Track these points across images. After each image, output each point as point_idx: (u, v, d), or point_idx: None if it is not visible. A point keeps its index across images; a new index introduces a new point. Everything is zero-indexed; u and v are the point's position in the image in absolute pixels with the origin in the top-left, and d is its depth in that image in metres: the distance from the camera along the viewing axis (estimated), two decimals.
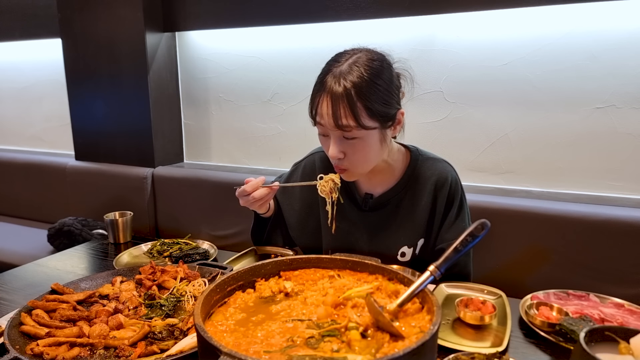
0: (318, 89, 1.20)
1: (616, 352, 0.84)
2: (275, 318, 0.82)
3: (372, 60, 1.18)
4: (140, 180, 2.61)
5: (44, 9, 2.97)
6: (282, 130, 2.60)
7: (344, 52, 1.23)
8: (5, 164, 3.15)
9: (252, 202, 1.34)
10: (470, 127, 2.16)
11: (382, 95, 1.17)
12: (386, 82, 1.19)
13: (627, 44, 1.84)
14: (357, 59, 1.18)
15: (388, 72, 1.21)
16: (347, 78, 1.15)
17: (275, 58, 2.53)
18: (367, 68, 1.16)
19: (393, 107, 1.22)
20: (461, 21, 2.08)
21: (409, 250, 1.39)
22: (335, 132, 1.19)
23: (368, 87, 1.15)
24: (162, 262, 1.66)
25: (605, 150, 1.95)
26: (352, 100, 1.14)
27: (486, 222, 0.86)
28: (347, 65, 1.17)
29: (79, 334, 1.08)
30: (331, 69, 1.19)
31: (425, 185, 1.36)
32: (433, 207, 1.37)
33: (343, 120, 1.15)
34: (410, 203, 1.37)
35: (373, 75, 1.16)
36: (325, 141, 1.25)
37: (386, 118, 1.20)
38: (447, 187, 1.35)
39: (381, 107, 1.18)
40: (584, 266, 1.74)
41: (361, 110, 1.15)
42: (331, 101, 1.15)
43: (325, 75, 1.19)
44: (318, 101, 1.19)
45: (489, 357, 0.93)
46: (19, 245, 2.64)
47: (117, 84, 2.68)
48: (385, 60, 1.23)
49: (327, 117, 1.17)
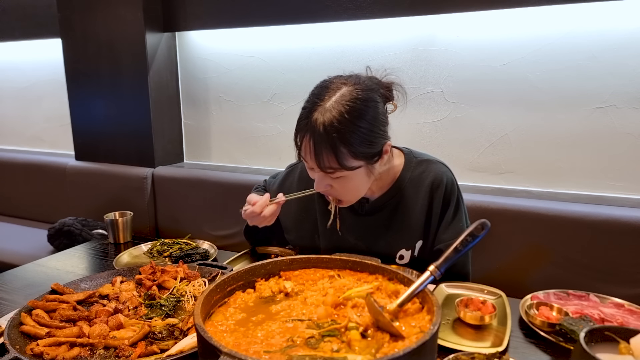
0: (301, 128, 1.18)
1: (616, 352, 0.84)
2: (275, 318, 0.82)
3: (356, 100, 1.14)
4: (140, 180, 2.61)
5: (44, 9, 2.97)
6: (282, 130, 2.60)
7: (327, 84, 1.19)
8: (5, 164, 3.15)
9: (263, 220, 1.34)
10: (470, 127, 2.16)
11: (366, 137, 1.15)
12: (370, 123, 1.16)
13: (627, 44, 1.84)
14: (341, 98, 1.14)
15: (373, 110, 1.17)
16: (331, 121, 1.12)
17: (275, 58, 2.53)
18: (351, 109, 1.13)
19: (378, 145, 1.19)
20: (461, 21, 2.08)
21: (407, 253, 1.39)
22: (320, 173, 1.19)
23: (352, 131, 1.12)
24: (162, 262, 1.66)
25: (605, 150, 1.95)
26: (334, 145, 1.12)
27: (486, 222, 0.86)
28: (330, 105, 1.13)
29: (79, 334, 1.08)
30: (315, 107, 1.15)
31: (421, 188, 1.35)
32: (429, 208, 1.36)
33: (326, 163, 1.15)
34: (406, 206, 1.37)
35: (356, 118, 1.13)
36: (312, 173, 1.25)
37: (371, 156, 1.19)
38: (442, 188, 1.35)
39: (365, 149, 1.16)
40: (584, 266, 1.74)
41: (344, 154, 1.14)
42: (314, 145, 1.14)
43: (309, 114, 1.16)
44: (302, 140, 1.18)
45: (489, 357, 0.93)
46: (19, 245, 2.64)
47: (117, 84, 2.68)
48: (370, 97, 1.17)
49: (309, 157, 1.17)
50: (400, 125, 1.59)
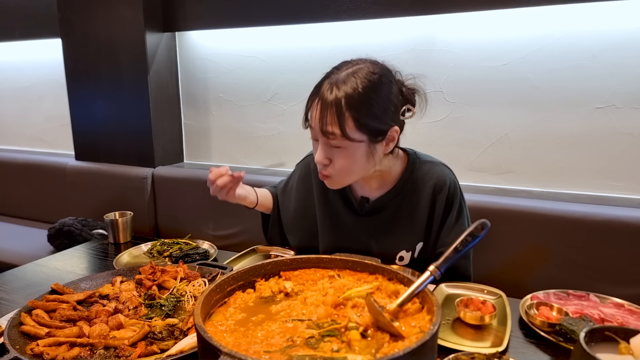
0: (313, 93, 1.21)
1: (616, 352, 0.84)
2: (275, 318, 0.82)
3: (371, 73, 1.17)
4: (140, 180, 2.61)
5: (44, 9, 2.97)
6: (282, 130, 2.60)
7: (349, 60, 1.23)
8: (5, 164, 3.15)
9: (217, 191, 1.36)
10: (470, 127, 2.16)
11: (374, 110, 1.16)
12: (382, 98, 1.17)
13: (627, 44, 1.84)
14: (357, 70, 1.17)
15: (387, 87, 1.19)
16: (340, 87, 1.15)
17: (275, 58, 2.53)
18: (364, 80, 1.15)
19: (385, 123, 1.20)
20: (461, 21, 2.08)
21: (407, 254, 1.38)
22: (322, 138, 1.20)
23: (360, 100, 1.14)
24: (162, 262, 1.66)
25: (605, 150, 1.95)
26: (340, 110, 1.14)
27: (486, 222, 0.86)
28: (345, 74, 1.17)
29: (79, 334, 1.07)
30: (330, 75, 1.19)
31: (423, 189, 1.34)
32: (431, 211, 1.35)
33: (329, 127, 1.15)
34: (407, 207, 1.36)
35: (368, 89, 1.15)
36: (314, 145, 1.26)
37: (375, 133, 1.19)
38: (445, 190, 1.33)
39: (371, 122, 1.16)
40: (584, 266, 1.74)
41: (348, 120, 1.14)
42: (321, 107, 1.16)
43: (323, 81, 1.20)
44: (311, 105, 1.21)
45: (489, 357, 0.93)
46: (19, 245, 2.64)
47: (117, 84, 2.68)
48: (386, 75, 1.20)
49: (315, 121, 1.18)
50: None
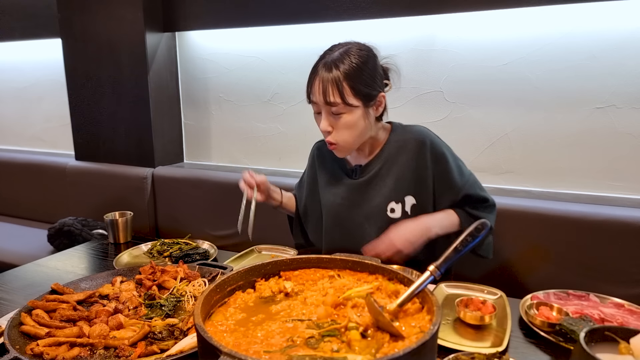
0: (312, 73, 1.41)
1: (616, 352, 0.85)
2: (275, 318, 0.82)
3: (360, 50, 1.39)
4: (140, 180, 2.61)
5: (44, 9, 2.97)
6: (282, 130, 2.60)
7: (338, 44, 1.44)
8: (5, 164, 3.15)
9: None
10: (470, 127, 2.16)
11: (366, 79, 1.36)
12: (370, 69, 1.38)
13: (627, 44, 1.84)
14: (348, 49, 1.39)
15: (373, 60, 1.41)
16: (337, 63, 1.36)
17: (275, 58, 2.53)
18: (355, 56, 1.37)
19: (375, 89, 1.40)
20: (461, 21, 2.08)
21: (397, 206, 1.47)
22: (325, 108, 1.38)
23: (354, 71, 1.35)
24: (162, 262, 1.66)
25: (605, 150, 1.95)
26: (339, 81, 1.34)
27: (486, 222, 0.86)
28: (338, 53, 1.38)
29: (79, 334, 1.08)
30: (325, 56, 1.41)
31: (406, 147, 1.48)
32: (417, 165, 1.46)
33: (330, 98, 1.35)
34: (393, 163, 1.49)
35: (359, 62, 1.36)
36: (318, 118, 1.43)
37: (368, 98, 1.38)
38: (427, 145, 1.46)
39: (364, 89, 1.36)
40: (584, 266, 1.74)
41: (346, 89, 1.34)
42: (322, 82, 1.36)
43: (319, 61, 1.40)
44: (312, 83, 1.40)
45: (489, 357, 0.93)
46: (19, 245, 2.64)
47: (117, 84, 2.68)
48: (371, 51, 1.43)
49: (318, 94, 1.37)
50: None
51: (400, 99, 2.22)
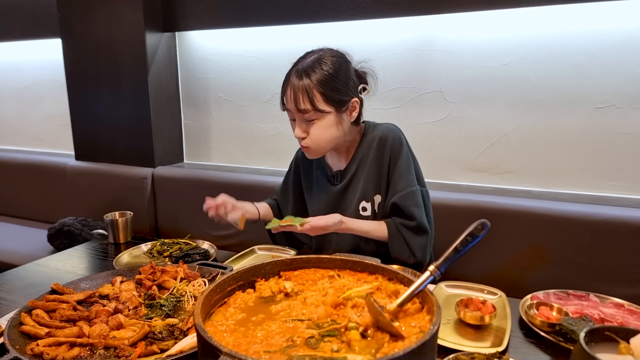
0: (285, 81, 1.44)
1: (616, 352, 0.85)
2: (275, 318, 0.82)
3: (332, 57, 1.42)
4: (140, 180, 2.61)
5: (44, 9, 2.97)
6: (282, 130, 2.60)
7: (312, 50, 1.47)
8: (5, 164, 3.15)
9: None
10: (470, 127, 2.16)
11: (337, 85, 1.39)
12: (342, 75, 1.41)
13: (627, 44, 1.84)
14: (320, 56, 1.42)
15: (345, 67, 1.43)
16: (307, 71, 1.39)
17: (275, 58, 2.53)
18: (327, 63, 1.40)
19: (347, 95, 1.43)
20: (461, 21, 2.08)
21: (367, 205, 1.53)
22: (298, 115, 1.43)
23: (324, 78, 1.38)
24: (162, 262, 1.66)
25: (605, 150, 1.95)
26: (309, 89, 1.37)
27: (486, 222, 0.86)
28: (310, 61, 1.41)
29: (79, 334, 1.08)
30: (297, 64, 1.44)
31: (372, 146, 1.53)
32: (378, 162, 1.51)
33: (301, 105, 1.39)
34: (362, 165, 1.55)
35: (330, 69, 1.39)
36: (293, 124, 1.48)
37: (340, 104, 1.42)
38: (389, 143, 1.50)
39: (336, 95, 1.40)
40: (584, 266, 1.74)
41: (317, 96, 1.38)
42: (293, 89, 1.40)
43: (292, 69, 1.43)
44: (285, 90, 1.44)
45: (489, 357, 0.93)
46: (19, 245, 2.64)
47: (117, 83, 2.68)
48: (344, 57, 1.46)
49: (290, 102, 1.41)
50: (401, 125, 1.60)
51: (400, 99, 2.22)
